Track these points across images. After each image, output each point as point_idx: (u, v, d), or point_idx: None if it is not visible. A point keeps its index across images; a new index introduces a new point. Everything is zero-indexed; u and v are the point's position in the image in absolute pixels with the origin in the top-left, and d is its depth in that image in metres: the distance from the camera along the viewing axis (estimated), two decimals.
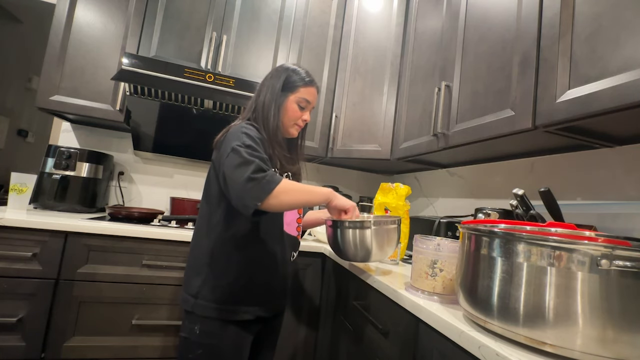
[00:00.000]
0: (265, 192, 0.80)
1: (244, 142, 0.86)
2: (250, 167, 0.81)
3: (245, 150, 0.84)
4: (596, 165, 1.01)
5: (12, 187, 1.37)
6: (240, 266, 0.92)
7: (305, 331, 1.50)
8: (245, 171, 0.81)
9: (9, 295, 1.18)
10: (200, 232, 0.96)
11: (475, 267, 0.60)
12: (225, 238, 0.92)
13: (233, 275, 0.92)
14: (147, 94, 1.53)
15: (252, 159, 0.83)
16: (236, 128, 0.92)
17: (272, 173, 0.83)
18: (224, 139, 0.92)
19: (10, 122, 2.93)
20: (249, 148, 0.85)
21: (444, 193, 1.74)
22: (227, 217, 0.92)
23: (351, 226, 0.95)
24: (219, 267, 0.92)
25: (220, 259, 0.92)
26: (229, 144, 0.87)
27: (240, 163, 0.82)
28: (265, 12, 1.81)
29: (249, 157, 0.83)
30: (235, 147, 0.85)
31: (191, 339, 0.89)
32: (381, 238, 0.96)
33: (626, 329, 0.46)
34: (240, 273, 0.92)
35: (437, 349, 0.67)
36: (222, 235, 0.92)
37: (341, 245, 0.97)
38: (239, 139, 0.87)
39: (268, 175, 0.82)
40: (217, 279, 0.91)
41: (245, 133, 0.89)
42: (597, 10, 0.75)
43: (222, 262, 0.92)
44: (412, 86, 1.59)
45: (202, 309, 0.89)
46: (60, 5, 1.55)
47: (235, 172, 0.82)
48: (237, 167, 0.82)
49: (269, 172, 0.83)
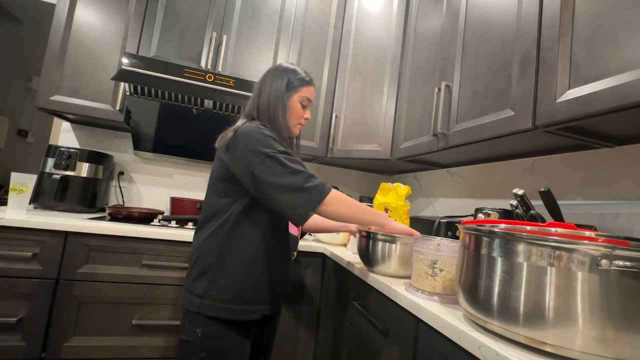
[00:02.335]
0: (317, 201, 0.85)
1: (277, 148, 0.88)
2: (299, 176, 0.85)
3: (284, 157, 0.86)
4: (596, 165, 1.01)
5: (12, 187, 1.37)
6: (248, 265, 0.92)
7: (305, 331, 1.50)
8: (295, 180, 0.85)
9: (9, 295, 1.18)
10: (206, 232, 0.94)
11: (475, 267, 0.60)
12: (233, 238, 0.91)
13: (242, 275, 0.91)
14: (147, 94, 1.53)
15: (297, 167, 0.86)
16: (252, 130, 0.90)
17: (322, 182, 0.88)
18: (236, 140, 0.90)
19: (10, 122, 2.93)
20: (286, 154, 0.87)
21: (444, 193, 1.74)
22: (237, 217, 0.91)
23: (383, 239, 1.00)
24: (227, 266, 0.90)
25: (228, 259, 0.91)
26: (254, 145, 0.87)
27: (287, 172, 0.85)
28: (265, 12, 1.81)
29: (292, 164, 0.86)
30: (270, 153, 0.86)
31: (193, 341, 0.87)
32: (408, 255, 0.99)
33: (626, 329, 0.46)
34: (249, 272, 0.92)
35: (437, 349, 0.67)
36: (230, 235, 0.91)
37: (371, 255, 1.02)
38: (268, 145, 0.87)
39: (319, 184, 0.86)
40: (225, 278, 0.89)
41: (270, 136, 0.89)
42: (597, 10, 0.75)
43: (230, 261, 0.90)
44: (412, 86, 1.59)
45: (210, 309, 0.87)
46: (60, 5, 1.55)
47: (284, 180, 0.84)
48: (283, 176, 0.84)
49: (320, 181, 0.88)
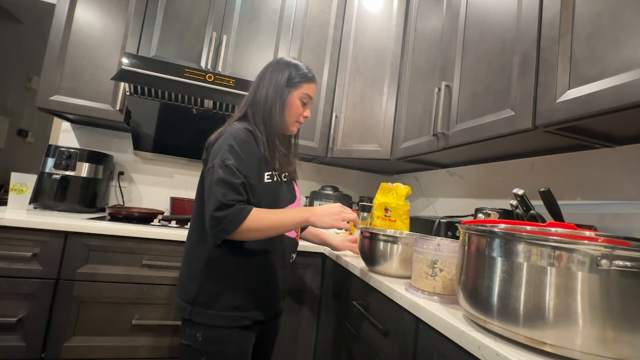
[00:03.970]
0: (225, 232, 0.80)
1: (225, 160, 0.83)
2: (212, 203, 0.80)
3: (220, 172, 0.81)
4: (596, 165, 1.01)
5: (12, 187, 1.37)
6: (239, 271, 0.89)
7: (305, 331, 1.50)
8: (209, 205, 0.80)
9: (9, 295, 1.18)
10: (195, 235, 0.91)
11: (475, 267, 0.60)
12: (223, 243, 0.86)
13: (232, 281, 0.88)
14: (147, 94, 1.53)
15: (219, 190, 0.80)
16: (226, 136, 0.88)
17: (237, 210, 0.80)
18: (214, 143, 0.89)
19: (10, 122, 2.93)
20: (225, 169, 0.82)
21: (444, 193, 1.74)
22: None
23: (385, 239, 0.99)
24: (217, 272, 0.88)
25: (217, 264, 0.88)
26: (216, 153, 0.85)
27: (210, 191, 0.81)
28: (265, 12, 1.81)
29: (216, 186, 0.80)
30: (215, 164, 0.83)
31: (194, 346, 0.85)
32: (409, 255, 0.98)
33: (626, 329, 0.46)
34: (240, 278, 0.89)
35: (437, 349, 0.67)
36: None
37: (373, 255, 1.01)
38: (221, 155, 0.84)
39: (231, 213, 0.79)
40: (214, 284, 0.87)
41: (231, 146, 0.85)
42: (597, 10, 0.75)
43: (220, 267, 0.88)
44: (412, 86, 1.59)
45: (200, 316, 0.85)
46: (60, 5, 1.55)
47: (209, 198, 0.81)
48: (210, 193, 0.81)
49: (231, 211, 0.79)
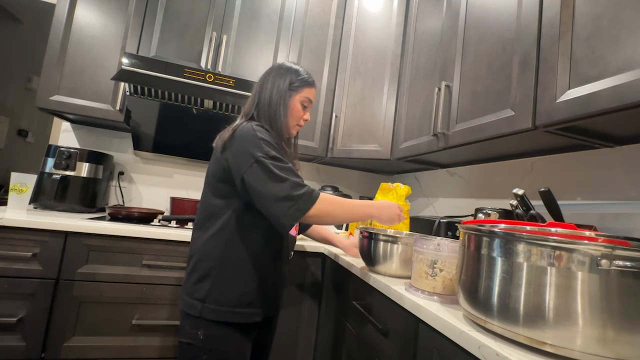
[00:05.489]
0: (301, 212, 0.81)
1: (268, 152, 0.84)
2: (285, 184, 0.81)
3: (272, 163, 0.83)
4: (596, 165, 1.01)
5: (12, 187, 1.37)
6: (250, 268, 0.90)
7: (305, 331, 1.50)
8: (280, 189, 0.81)
9: (9, 295, 1.18)
10: (206, 234, 0.92)
11: (475, 267, 0.60)
12: (234, 240, 0.89)
13: (244, 277, 0.90)
14: (147, 94, 1.53)
15: (284, 175, 0.82)
16: (248, 130, 0.88)
17: (310, 190, 0.84)
18: (232, 141, 0.88)
19: (10, 122, 2.93)
20: (275, 160, 0.84)
21: (444, 193, 1.74)
22: (237, 218, 0.90)
23: (385, 239, 0.99)
24: (229, 269, 0.89)
25: (229, 261, 0.89)
26: (246, 149, 0.85)
27: (272, 180, 0.82)
28: (265, 12, 1.81)
29: (279, 172, 0.82)
30: (259, 158, 0.83)
31: (195, 344, 0.86)
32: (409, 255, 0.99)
33: (626, 329, 0.46)
34: (251, 275, 0.90)
35: (437, 349, 0.67)
36: (231, 237, 0.89)
37: (373, 255, 1.02)
38: (260, 148, 0.85)
39: (306, 193, 0.82)
40: (227, 281, 0.88)
41: (263, 139, 0.86)
42: (597, 10, 0.75)
43: (231, 264, 0.89)
44: (412, 86, 1.59)
45: (212, 313, 0.86)
46: (60, 5, 1.55)
47: (269, 188, 0.81)
48: (268, 184, 0.81)
49: (306, 190, 0.83)
